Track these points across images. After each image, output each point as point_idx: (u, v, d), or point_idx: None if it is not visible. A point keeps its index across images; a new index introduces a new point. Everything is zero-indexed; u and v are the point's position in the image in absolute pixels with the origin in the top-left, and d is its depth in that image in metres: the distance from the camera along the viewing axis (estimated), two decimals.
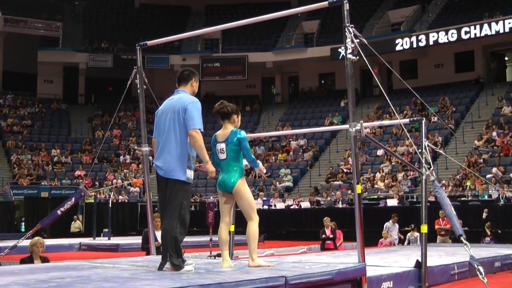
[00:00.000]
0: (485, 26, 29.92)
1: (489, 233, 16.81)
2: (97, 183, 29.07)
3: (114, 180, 29.07)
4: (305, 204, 23.36)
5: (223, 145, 6.51)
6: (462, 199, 20.57)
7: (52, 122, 36.35)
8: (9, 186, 27.46)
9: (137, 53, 8.64)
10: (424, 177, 8.06)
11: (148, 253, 9.68)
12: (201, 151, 6.13)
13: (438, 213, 16.77)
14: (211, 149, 6.73)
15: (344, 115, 31.84)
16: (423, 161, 8.06)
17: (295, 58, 36.85)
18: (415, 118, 9.93)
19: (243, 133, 6.56)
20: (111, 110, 35.52)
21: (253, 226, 6.50)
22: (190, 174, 6.18)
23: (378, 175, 25.89)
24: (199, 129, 6.10)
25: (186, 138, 6.13)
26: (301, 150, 31.69)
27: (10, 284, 4.89)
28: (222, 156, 6.57)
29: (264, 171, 7.04)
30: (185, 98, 6.26)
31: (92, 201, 23.72)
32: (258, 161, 6.85)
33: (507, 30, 29.25)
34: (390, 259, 9.70)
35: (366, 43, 7.07)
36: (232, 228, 9.57)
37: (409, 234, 17.05)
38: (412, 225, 16.90)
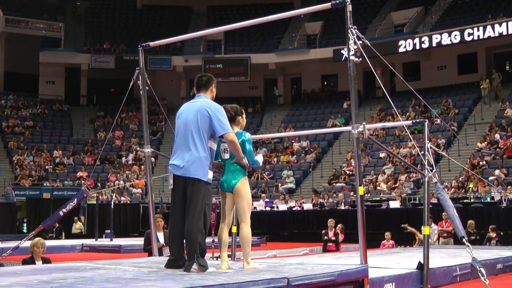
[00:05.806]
0: (489, 27, 29.88)
1: (494, 235, 16.38)
2: (99, 184, 29.08)
3: (116, 182, 29.08)
4: (308, 206, 23.35)
5: (227, 146, 6.50)
6: (465, 201, 20.52)
7: (54, 123, 36.33)
8: (11, 187, 27.48)
9: (139, 54, 8.61)
10: (426, 179, 8.02)
11: (150, 254, 9.69)
12: (239, 152, 6.36)
13: (441, 215, 16.78)
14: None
15: (346, 117, 31.81)
16: (426, 163, 8.03)
17: (297, 59, 36.85)
18: (417, 120, 9.87)
19: (247, 135, 6.57)
20: (113, 111, 35.54)
21: (247, 229, 6.48)
22: (211, 175, 6.27)
23: (380, 177, 25.88)
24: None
25: (208, 140, 6.26)
26: (303, 152, 31.66)
27: (13, 285, 4.89)
28: (226, 156, 6.59)
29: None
30: (210, 103, 6.38)
31: (94, 202, 23.68)
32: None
33: (510, 32, 29.17)
34: (392, 260, 9.69)
35: (369, 44, 7.04)
36: (234, 229, 9.52)
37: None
38: None
